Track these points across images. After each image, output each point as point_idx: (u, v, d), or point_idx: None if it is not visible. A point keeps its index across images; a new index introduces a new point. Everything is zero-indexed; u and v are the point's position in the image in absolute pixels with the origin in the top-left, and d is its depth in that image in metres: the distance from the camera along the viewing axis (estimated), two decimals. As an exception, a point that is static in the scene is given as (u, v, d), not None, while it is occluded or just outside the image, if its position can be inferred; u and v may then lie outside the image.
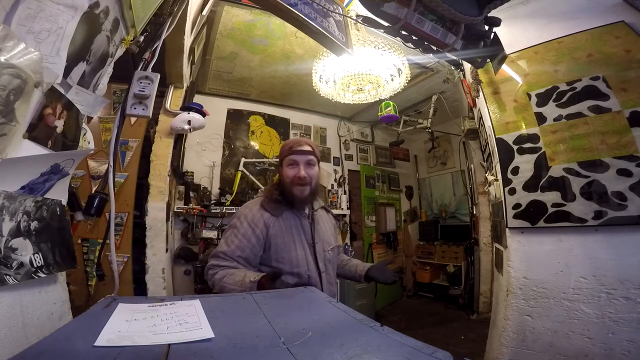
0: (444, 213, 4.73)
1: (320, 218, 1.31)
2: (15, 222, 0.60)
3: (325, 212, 1.39)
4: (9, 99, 0.54)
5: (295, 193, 1.18)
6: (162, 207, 2.26)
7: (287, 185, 1.20)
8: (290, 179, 1.19)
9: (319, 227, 1.27)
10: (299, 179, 1.18)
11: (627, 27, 1.47)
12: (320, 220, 1.30)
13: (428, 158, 5.04)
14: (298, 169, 1.19)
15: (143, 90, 0.99)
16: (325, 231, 1.28)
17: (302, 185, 1.18)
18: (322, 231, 1.27)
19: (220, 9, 2.28)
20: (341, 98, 2.59)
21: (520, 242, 1.58)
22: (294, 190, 1.18)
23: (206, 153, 3.38)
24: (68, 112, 0.73)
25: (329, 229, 1.34)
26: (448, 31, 1.20)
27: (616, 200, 1.34)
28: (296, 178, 1.18)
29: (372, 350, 0.38)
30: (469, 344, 2.67)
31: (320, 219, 1.31)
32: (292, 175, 1.19)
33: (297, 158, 1.20)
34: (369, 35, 2.17)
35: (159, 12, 1.14)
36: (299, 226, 1.22)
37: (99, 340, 0.37)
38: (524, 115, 1.65)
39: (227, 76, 3.21)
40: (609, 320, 1.31)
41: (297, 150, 1.21)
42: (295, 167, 1.20)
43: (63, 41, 0.67)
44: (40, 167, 0.66)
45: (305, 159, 1.21)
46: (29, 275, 0.61)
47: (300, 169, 1.18)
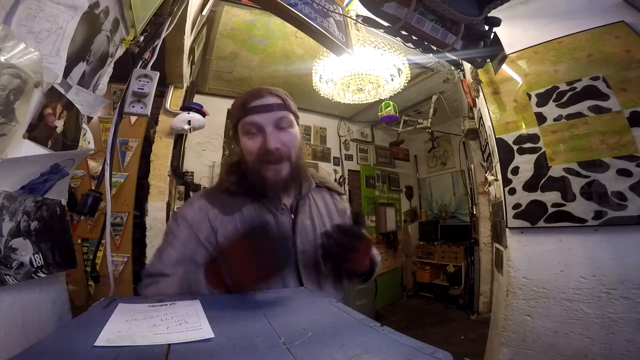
0: (444, 213, 4.73)
1: (313, 205, 0.86)
2: (15, 222, 0.60)
3: (326, 193, 0.92)
4: (9, 99, 0.54)
5: (267, 175, 0.76)
6: (162, 207, 2.26)
7: (250, 166, 0.77)
8: (254, 156, 0.76)
9: (306, 223, 0.81)
10: (266, 153, 0.74)
11: (627, 27, 1.47)
12: (311, 209, 0.85)
13: (428, 158, 5.05)
14: (263, 137, 0.75)
15: (142, 88, 0.99)
16: (319, 225, 0.83)
17: (275, 163, 0.75)
18: (310, 228, 0.81)
19: (220, 9, 2.28)
20: (341, 98, 2.59)
21: (520, 242, 1.58)
22: (263, 172, 0.76)
23: (206, 153, 3.38)
24: (68, 112, 0.74)
25: (329, 218, 0.87)
26: (448, 31, 1.20)
27: (616, 200, 1.34)
28: (262, 152, 0.75)
29: (372, 350, 0.38)
30: (469, 344, 2.67)
31: (312, 207, 0.85)
32: (255, 148, 0.76)
33: (259, 119, 0.75)
34: (369, 35, 2.17)
35: (158, 12, 1.14)
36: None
37: (98, 340, 0.37)
38: (524, 115, 1.65)
39: (227, 76, 3.21)
40: (608, 320, 1.31)
41: (257, 106, 0.76)
42: (257, 135, 0.76)
43: (63, 41, 0.67)
44: (40, 167, 0.66)
45: (272, 118, 0.76)
46: (29, 275, 0.61)
47: (266, 136, 0.75)
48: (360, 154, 4.67)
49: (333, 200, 0.93)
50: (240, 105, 0.79)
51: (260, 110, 0.76)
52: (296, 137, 0.81)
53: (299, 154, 0.82)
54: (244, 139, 0.78)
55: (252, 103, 0.77)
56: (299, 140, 0.82)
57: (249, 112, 0.76)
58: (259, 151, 0.75)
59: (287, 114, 0.79)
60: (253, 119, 0.76)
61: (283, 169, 0.77)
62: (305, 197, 0.86)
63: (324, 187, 0.93)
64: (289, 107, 0.80)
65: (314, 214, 0.85)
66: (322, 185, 0.93)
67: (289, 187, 0.81)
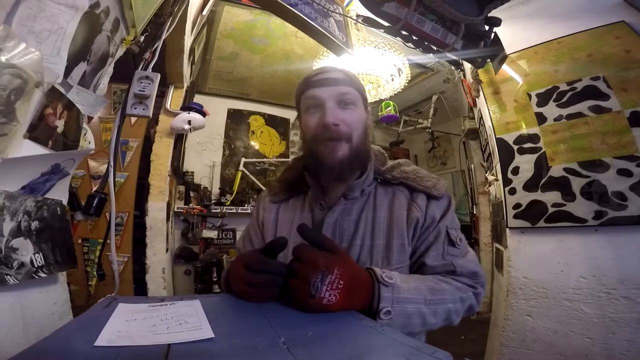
0: (444, 213, 4.72)
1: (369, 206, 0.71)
2: (16, 222, 0.60)
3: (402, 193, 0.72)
4: (10, 99, 0.54)
5: (321, 154, 0.67)
6: (163, 207, 2.26)
7: (307, 146, 0.71)
8: (311, 133, 0.69)
9: (343, 226, 0.69)
10: (324, 128, 0.66)
11: (627, 27, 1.47)
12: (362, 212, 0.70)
13: (428, 158, 5.04)
14: (322, 112, 0.67)
15: (143, 90, 0.99)
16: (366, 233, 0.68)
17: (331, 140, 0.66)
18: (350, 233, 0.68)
19: (221, 9, 2.28)
20: (341, 98, 2.59)
21: (521, 242, 1.57)
22: (319, 150, 0.68)
23: (206, 153, 3.38)
24: (69, 112, 0.74)
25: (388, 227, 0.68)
26: (448, 31, 1.20)
27: (616, 200, 1.34)
28: (320, 128, 0.67)
29: (372, 350, 0.38)
30: (469, 344, 2.67)
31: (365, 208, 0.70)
32: (313, 124, 0.68)
33: (320, 92, 0.69)
34: (369, 35, 2.17)
35: (159, 12, 1.14)
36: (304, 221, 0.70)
37: (99, 340, 0.37)
38: (524, 115, 1.65)
39: (228, 76, 3.21)
40: (609, 320, 1.31)
41: (320, 79, 0.70)
42: (317, 110, 0.69)
43: (64, 41, 0.67)
44: (40, 167, 0.66)
45: (334, 93, 0.68)
46: (29, 275, 0.62)
47: (326, 110, 0.67)
48: (361, 153, 4.68)
49: (410, 204, 0.70)
50: (304, 80, 0.74)
51: (322, 84, 0.69)
52: (360, 116, 0.71)
53: (363, 137, 0.70)
54: (304, 116, 0.72)
55: (316, 77, 0.71)
56: (365, 123, 0.72)
57: (311, 85, 0.70)
58: (316, 127, 0.68)
59: (351, 90, 0.70)
60: (314, 93, 0.69)
61: (340, 148, 0.67)
62: (360, 197, 0.72)
63: (403, 184, 0.72)
64: (355, 84, 0.72)
65: (365, 218, 0.69)
66: (398, 181, 0.72)
67: (345, 173, 0.68)
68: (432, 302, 0.58)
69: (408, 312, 0.56)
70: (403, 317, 0.55)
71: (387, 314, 0.54)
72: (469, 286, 0.65)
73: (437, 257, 0.66)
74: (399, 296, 0.55)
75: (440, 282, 0.63)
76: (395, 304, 0.55)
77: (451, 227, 0.69)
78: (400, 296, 0.55)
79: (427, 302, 0.58)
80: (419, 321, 0.57)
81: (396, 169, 0.74)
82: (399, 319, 0.55)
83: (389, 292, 0.55)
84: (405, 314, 0.55)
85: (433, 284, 0.61)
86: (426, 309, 0.58)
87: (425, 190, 0.70)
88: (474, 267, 0.67)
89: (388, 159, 0.78)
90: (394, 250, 0.66)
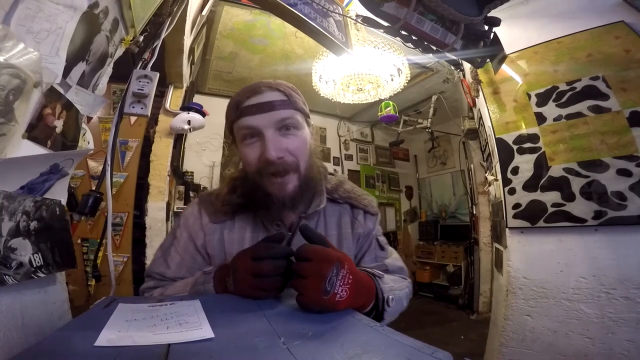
0: (443, 213, 4.73)
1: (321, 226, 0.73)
2: (15, 222, 0.59)
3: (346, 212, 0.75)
4: (8, 99, 0.54)
5: (271, 190, 0.63)
6: (162, 207, 2.26)
7: (250, 179, 0.65)
8: (253, 167, 0.64)
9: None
10: (266, 164, 0.61)
11: (626, 27, 1.47)
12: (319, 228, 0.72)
13: (428, 158, 5.05)
14: (261, 143, 0.62)
15: (142, 89, 0.99)
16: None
17: (278, 176, 0.62)
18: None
19: (220, 9, 2.28)
20: (341, 98, 2.60)
21: (520, 242, 1.58)
22: (265, 187, 0.63)
23: (206, 153, 3.38)
24: (67, 112, 0.73)
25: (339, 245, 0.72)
26: (448, 31, 1.20)
27: (616, 200, 1.34)
28: (262, 163, 0.62)
29: (372, 350, 0.38)
30: (469, 343, 2.67)
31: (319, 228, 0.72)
32: (254, 158, 0.63)
33: (255, 122, 0.62)
34: (369, 35, 2.17)
35: (158, 12, 1.14)
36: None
37: (99, 341, 0.37)
38: (523, 115, 1.65)
39: (227, 76, 3.21)
40: (608, 320, 1.31)
41: (253, 105, 0.62)
42: (255, 140, 0.63)
43: (62, 41, 0.67)
44: (39, 167, 0.66)
45: (273, 120, 0.62)
46: (28, 275, 0.61)
47: (266, 143, 0.61)
48: (360, 154, 4.68)
49: (353, 221, 0.74)
50: (233, 104, 0.65)
51: (256, 111, 0.62)
52: (305, 141, 0.66)
53: (311, 162, 0.67)
54: (241, 147, 0.65)
55: (247, 102, 0.63)
56: (310, 145, 0.68)
57: (244, 112, 0.62)
58: (258, 161, 0.62)
59: (292, 113, 0.64)
60: (249, 122, 0.62)
61: (289, 181, 0.63)
62: (314, 216, 0.71)
63: (347, 203, 0.75)
64: (294, 104, 0.65)
65: (328, 229, 0.73)
66: (343, 200, 0.75)
67: (297, 203, 0.66)
68: (399, 288, 0.68)
69: (399, 297, 0.65)
70: (397, 303, 0.63)
71: (392, 301, 0.60)
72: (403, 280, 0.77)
73: (372, 260, 0.76)
74: (390, 285, 0.63)
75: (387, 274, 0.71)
76: (391, 292, 0.62)
77: (379, 235, 0.80)
78: (390, 285, 0.64)
79: (400, 288, 0.68)
80: (401, 307, 0.67)
81: (339, 187, 0.77)
82: (395, 305, 0.62)
83: (384, 283, 0.62)
84: (398, 299, 0.64)
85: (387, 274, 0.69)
86: (402, 293, 0.68)
87: (364, 208, 0.76)
88: (400, 264, 0.79)
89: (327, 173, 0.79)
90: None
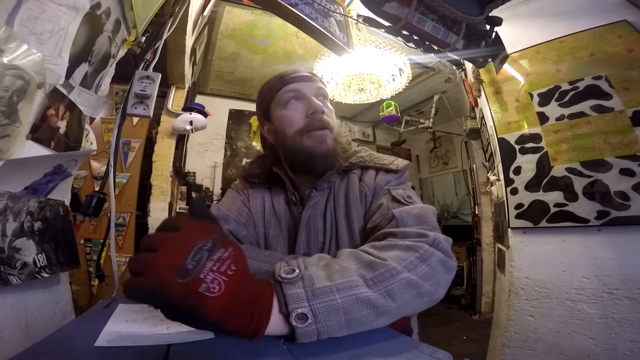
0: (446, 213, 4.71)
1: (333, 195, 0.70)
2: (19, 222, 0.60)
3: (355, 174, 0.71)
4: (12, 100, 0.54)
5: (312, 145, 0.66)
6: (164, 207, 2.27)
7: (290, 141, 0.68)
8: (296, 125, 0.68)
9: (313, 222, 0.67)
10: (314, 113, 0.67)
11: (629, 26, 1.46)
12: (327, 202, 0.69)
13: (430, 158, 5.04)
14: (305, 103, 0.69)
15: (144, 90, 1.00)
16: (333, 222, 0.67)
17: (321, 129, 0.67)
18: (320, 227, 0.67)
19: (222, 9, 2.29)
20: (342, 98, 2.60)
21: (523, 242, 1.57)
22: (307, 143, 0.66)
23: (208, 153, 3.39)
24: (70, 113, 0.74)
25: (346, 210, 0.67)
26: (449, 31, 1.20)
27: (619, 200, 1.33)
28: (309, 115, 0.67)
29: (373, 350, 0.38)
30: (471, 344, 2.66)
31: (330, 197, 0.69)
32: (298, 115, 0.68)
33: (301, 87, 0.71)
34: (370, 35, 2.17)
35: (160, 12, 1.14)
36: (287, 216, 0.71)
37: (99, 341, 0.37)
38: (526, 115, 1.64)
39: (229, 76, 3.22)
40: (611, 321, 1.30)
41: (297, 75, 0.72)
42: (299, 103, 0.70)
43: (65, 42, 0.67)
44: (43, 167, 0.66)
45: (313, 87, 0.71)
46: (32, 275, 0.62)
47: (311, 100, 0.69)
48: (362, 154, 4.67)
49: (361, 184, 0.69)
50: (277, 78, 0.74)
51: (300, 79, 0.72)
52: (333, 111, 0.74)
53: (338, 130, 0.72)
54: (282, 112, 0.70)
55: (292, 74, 0.73)
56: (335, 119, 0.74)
57: (290, 81, 0.71)
58: (304, 117, 0.68)
59: (323, 86, 0.74)
60: (294, 87, 0.70)
61: (328, 137, 0.68)
62: (325, 189, 0.70)
63: (359, 167, 0.72)
64: (323, 84, 0.76)
65: (330, 209, 0.68)
66: (356, 166, 0.72)
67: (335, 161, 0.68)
68: (376, 280, 0.42)
69: (338, 306, 0.39)
70: (334, 314, 0.38)
71: (303, 318, 0.37)
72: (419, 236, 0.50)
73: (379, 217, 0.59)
74: (316, 287, 0.39)
75: (381, 249, 0.48)
76: (313, 299, 0.38)
77: (396, 189, 0.64)
78: (318, 286, 0.39)
79: (368, 283, 0.42)
80: (369, 312, 0.40)
81: (353, 155, 0.74)
82: (328, 319, 0.38)
83: (297, 287, 0.39)
84: (334, 309, 0.38)
85: (371, 256, 0.46)
86: (371, 292, 0.41)
87: (381, 167, 0.69)
88: (418, 211, 0.56)
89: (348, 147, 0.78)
90: (356, 235, 0.63)
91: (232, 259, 0.34)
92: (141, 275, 0.30)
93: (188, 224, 0.35)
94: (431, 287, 0.47)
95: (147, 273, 0.31)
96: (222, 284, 0.32)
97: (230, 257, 0.34)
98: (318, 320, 0.37)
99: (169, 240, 0.33)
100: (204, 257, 0.32)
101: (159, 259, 0.31)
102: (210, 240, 0.34)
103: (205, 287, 0.31)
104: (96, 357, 0.35)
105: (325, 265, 0.44)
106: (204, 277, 0.31)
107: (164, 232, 0.34)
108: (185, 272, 0.30)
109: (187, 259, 0.31)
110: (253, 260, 0.54)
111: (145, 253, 0.32)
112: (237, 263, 0.35)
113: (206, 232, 0.35)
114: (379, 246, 0.49)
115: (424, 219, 0.55)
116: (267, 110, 0.75)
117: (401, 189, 0.64)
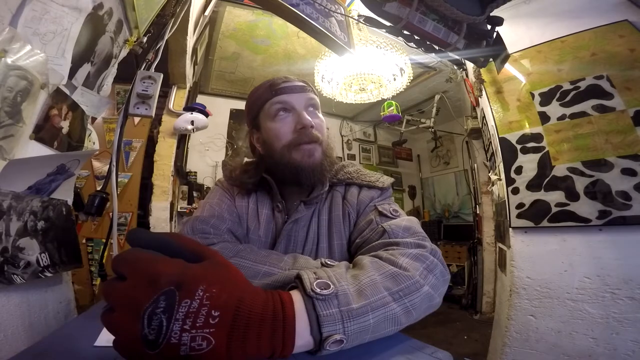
0: (447, 213, 4.71)
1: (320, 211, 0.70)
2: (22, 221, 0.60)
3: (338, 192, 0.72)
4: (16, 101, 0.55)
5: (300, 159, 0.64)
6: (166, 206, 2.28)
7: (278, 154, 0.66)
8: (284, 139, 0.66)
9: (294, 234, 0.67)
10: (302, 128, 0.65)
11: (631, 26, 1.46)
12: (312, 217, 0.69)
13: (431, 157, 5.03)
14: (294, 116, 0.67)
15: (146, 90, 1.00)
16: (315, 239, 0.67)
17: (308, 143, 0.65)
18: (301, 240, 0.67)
19: (223, 9, 2.29)
20: (343, 98, 2.60)
21: (524, 242, 1.57)
22: (295, 156, 0.64)
23: (209, 153, 3.40)
24: (73, 113, 0.74)
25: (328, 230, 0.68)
26: (450, 30, 1.20)
27: (621, 199, 1.33)
28: (297, 129, 0.65)
29: (373, 350, 0.38)
30: (472, 344, 2.66)
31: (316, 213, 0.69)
32: (287, 128, 0.66)
33: (290, 99, 0.67)
34: (371, 35, 2.17)
35: (161, 13, 1.14)
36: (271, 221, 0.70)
37: (99, 340, 0.38)
38: (527, 115, 1.64)
39: (230, 76, 3.23)
40: (613, 321, 1.30)
41: (288, 86, 0.69)
42: (288, 115, 0.67)
43: (68, 43, 0.68)
44: (46, 167, 0.67)
45: (304, 99, 0.69)
46: (35, 274, 0.62)
47: (300, 114, 0.66)
48: (363, 153, 4.67)
49: (344, 202, 0.70)
50: (266, 87, 0.70)
51: (291, 90, 0.68)
52: (324, 122, 0.72)
53: (328, 142, 0.71)
54: (270, 124, 0.68)
55: (281, 84, 0.69)
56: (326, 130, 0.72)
57: (279, 92, 0.68)
58: (292, 131, 0.66)
59: (315, 96, 0.71)
60: (283, 98, 0.67)
61: (316, 150, 0.66)
62: (313, 203, 0.70)
63: (345, 184, 0.73)
64: (315, 93, 0.73)
65: (314, 223, 0.68)
66: (341, 183, 0.73)
67: (321, 176, 0.67)
68: (402, 293, 0.40)
69: (369, 326, 0.37)
70: (364, 334, 0.37)
71: (339, 344, 0.35)
72: (418, 247, 0.51)
73: (369, 232, 0.60)
74: (352, 307, 0.36)
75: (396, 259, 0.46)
76: (347, 320, 0.35)
77: (382, 204, 0.66)
78: (354, 307, 0.36)
79: (394, 296, 0.40)
80: (393, 328, 0.40)
81: (340, 171, 0.74)
82: (357, 339, 0.36)
83: (332, 307, 0.35)
84: (365, 329, 0.36)
85: (392, 266, 0.44)
86: (397, 306, 0.39)
87: (367, 184, 0.70)
88: (407, 224, 0.58)
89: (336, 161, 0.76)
90: (335, 251, 0.65)
91: (209, 304, 0.28)
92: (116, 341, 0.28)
93: (133, 268, 0.29)
94: (439, 298, 0.48)
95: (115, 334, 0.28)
96: (210, 337, 0.27)
97: (205, 304, 0.28)
98: (348, 341, 0.35)
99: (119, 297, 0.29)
100: (163, 321, 0.26)
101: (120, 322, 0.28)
102: (162, 296, 0.27)
103: (188, 348, 0.26)
104: (96, 356, 0.35)
105: (353, 277, 0.41)
106: (177, 341, 0.26)
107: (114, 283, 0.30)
108: (151, 344, 0.26)
109: (143, 330, 0.26)
110: (250, 262, 0.53)
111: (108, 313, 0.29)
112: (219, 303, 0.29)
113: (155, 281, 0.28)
114: (393, 256, 0.48)
115: (413, 230, 0.57)
116: (255, 119, 0.73)
117: (387, 204, 0.66)
